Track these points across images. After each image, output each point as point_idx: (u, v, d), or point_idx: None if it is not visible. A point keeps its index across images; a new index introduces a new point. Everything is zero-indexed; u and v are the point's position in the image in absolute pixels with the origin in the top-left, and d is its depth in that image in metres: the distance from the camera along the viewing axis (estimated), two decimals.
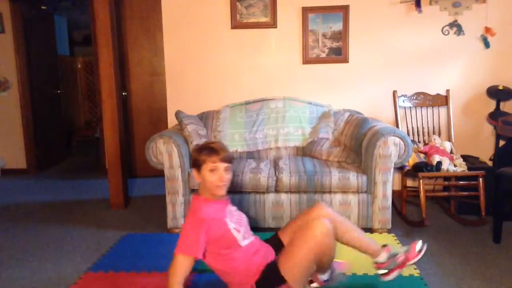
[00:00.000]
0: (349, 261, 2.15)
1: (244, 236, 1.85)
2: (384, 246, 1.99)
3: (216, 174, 1.80)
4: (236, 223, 1.86)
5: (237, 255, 1.82)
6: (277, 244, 1.97)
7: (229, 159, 1.84)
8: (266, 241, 2.02)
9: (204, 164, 1.80)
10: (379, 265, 1.97)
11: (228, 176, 1.84)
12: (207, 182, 1.81)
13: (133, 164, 4.68)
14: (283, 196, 2.86)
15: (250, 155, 3.34)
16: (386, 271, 1.96)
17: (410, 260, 1.96)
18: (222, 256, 1.82)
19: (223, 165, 1.81)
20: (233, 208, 1.97)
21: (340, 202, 2.82)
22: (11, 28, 4.73)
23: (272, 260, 1.88)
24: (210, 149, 1.82)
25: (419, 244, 1.99)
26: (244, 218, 1.95)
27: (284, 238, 1.98)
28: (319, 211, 1.97)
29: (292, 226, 2.01)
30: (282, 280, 1.76)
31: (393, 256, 1.95)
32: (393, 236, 2.77)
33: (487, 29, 3.43)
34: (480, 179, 2.87)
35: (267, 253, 1.91)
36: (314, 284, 1.99)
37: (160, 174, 3.04)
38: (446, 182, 3.23)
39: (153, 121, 4.63)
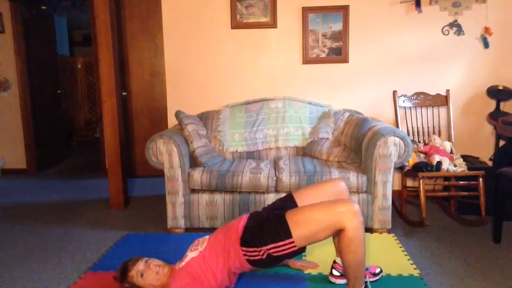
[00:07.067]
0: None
1: (192, 249, 1.95)
2: None
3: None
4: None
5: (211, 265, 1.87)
6: (290, 201, 2.02)
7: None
8: (280, 198, 2.12)
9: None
10: (337, 266, 2.10)
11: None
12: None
13: (133, 164, 4.68)
14: None
15: (250, 155, 3.34)
16: (339, 274, 2.10)
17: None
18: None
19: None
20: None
21: None
22: (11, 28, 4.73)
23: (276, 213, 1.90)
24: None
25: (378, 269, 2.14)
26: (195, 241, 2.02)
27: (300, 200, 2.01)
28: (338, 187, 2.06)
29: (311, 192, 2.05)
30: (288, 233, 1.74)
31: None
32: (393, 236, 2.77)
33: (486, 29, 3.43)
34: (480, 179, 2.87)
35: (236, 223, 1.94)
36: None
37: (160, 174, 3.04)
38: (446, 182, 3.23)
39: (153, 121, 4.64)
